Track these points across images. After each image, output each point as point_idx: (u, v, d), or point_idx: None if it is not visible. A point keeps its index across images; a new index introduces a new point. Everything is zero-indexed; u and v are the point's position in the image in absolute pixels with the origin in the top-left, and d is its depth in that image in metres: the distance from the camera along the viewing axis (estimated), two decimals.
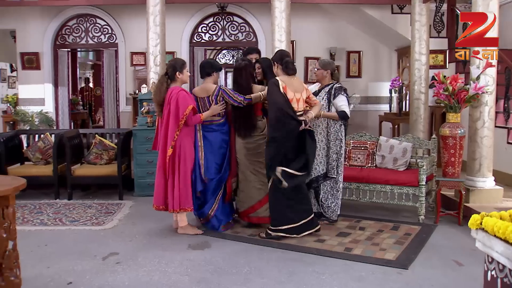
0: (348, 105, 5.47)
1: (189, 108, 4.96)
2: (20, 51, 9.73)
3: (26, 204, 6.54)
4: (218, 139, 5.29)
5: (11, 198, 3.40)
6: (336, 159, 5.48)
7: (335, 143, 5.47)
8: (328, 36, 9.86)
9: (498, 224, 1.61)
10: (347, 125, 5.58)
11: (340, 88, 5.50)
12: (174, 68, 5.14)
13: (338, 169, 5.49)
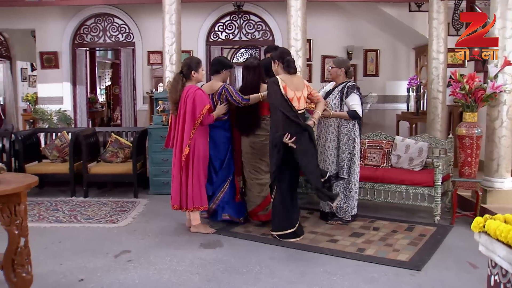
0: (360, 104, 5.36)
1: (206, 107, 4.96)
2: (40, 50, 9.86)
3: (43, 201, 6.63)
4: (221, 136, 5.35)
5: (23, 195, 3.44)
6: (348, 159, 5.40)
7: (348, 143, 5.38)
8: (345, 34, 9.78)
9: (500, 227, 1.55)
10: (361, 124, 5.48)
11: (352, 87, 5.42)
12: (189, 67, 5.14)
13: (351, 169, 5.40)
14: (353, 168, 5.41)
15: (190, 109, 4.98)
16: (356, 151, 5.40)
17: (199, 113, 4.93)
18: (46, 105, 9.68)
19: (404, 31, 9.04)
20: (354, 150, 5.39)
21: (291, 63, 4.90)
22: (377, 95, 9.73)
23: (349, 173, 5.42)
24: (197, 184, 5.09)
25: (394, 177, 5.81)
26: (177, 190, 5.16)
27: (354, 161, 5.41)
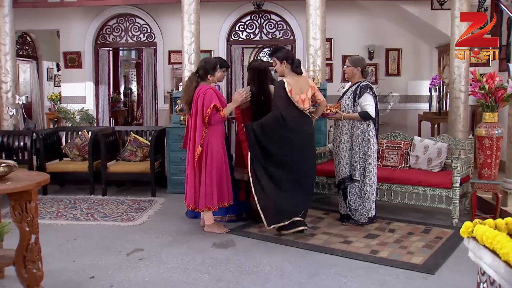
0: (373, 104, 5.22)
1: (211, 106, 4.95)
2: (63, 51, 10.04)
3: (62, 199, 6.74)
4: None
5: (34, 193, 3.48)
6: (363, 160, 5.27)
7: (362, 144, 5.26)
8: (367, 33, 9.66)
9: (487, 233, 1.48)
10: (377, 125, 5.38)
11: (365, 87, 5.27)
12: (206, 71, 5.14)
13: (365, 171, 5.27)
14: (368, 170, 5.27)
15: (200, 108, 5.00)
16: (371, 152, 5.26)
17: (205, 112, 4.94)
18: (69, 104, 9.84)
19: (426, 30, 8.88)
20: (369, 151, 5.25)
21: (299, 63, 4.97)
22: (398, 95, 9.58)
23: (363, 175, 5.29)
24: (209, 184, 5.08)
25: (412, 178, 5.70)
26: (191, 190, 5.18)
27: (370, 163, 5.26)
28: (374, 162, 5.30)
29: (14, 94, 7.75)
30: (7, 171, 3.53)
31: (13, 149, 6.98)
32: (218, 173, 5.15)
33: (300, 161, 4.96)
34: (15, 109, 7.68)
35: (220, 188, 5.16)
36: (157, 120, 10.31)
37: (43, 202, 6.55)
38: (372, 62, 9.68)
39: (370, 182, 5.29)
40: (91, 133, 7.10)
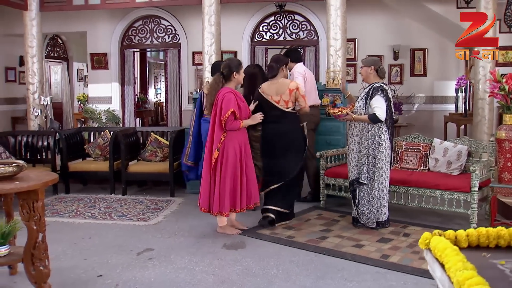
0: (383, 106, 5.02)
1: (228, 112, 4.90)
2: (90, 52, 10.26)
3: (83, 197, 6.88)
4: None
5: (40, 193, 3.57)
6: (372, 163, 5.13)
7: (371, 147, 5.11)
8: (392, 33, 9.51)
9: (439, 245, 1.41)
10: (390, 127, 5.17)
11: (377, 88, 5.09)
12: (230, 69, 5.08)
13: (374, 175, 5.15)
14: (378, 174, 5.13)
15: (219, 112, 4.97)
16: (382, 156, 5.10)
17: (223, 116, 4.92)
18: (95, 105, 10.06)
19: (452, 29, 8.67)
20: (380, 154, 5.09)
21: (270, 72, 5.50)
22: (424, 95, 9.43)
23: (372, 179, 5.16)
24: (222, 190, 5.04)
25: (429, 181, 5.56)
26: (206, 193, 5.15)
27: (380, 166, 5.11)
28: (386, 166, 5.14)
29: (39, 95, 7.95)
30: (16, 171, 3.62)
31: (37, 148, 7.16)
32: (232, 179, 5.07)
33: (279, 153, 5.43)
34: (40, 109, 7.88)
35: (233, 194, 5.09)
36: (181, 120, 10.42)
37: (64, 200, 6.71)
38: (397, 62, 9.53)
39: (381, 187, 5.15)
40: (112, 133, 7.22)
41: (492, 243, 1.49)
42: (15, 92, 10.38)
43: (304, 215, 5.97)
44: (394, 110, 8.61)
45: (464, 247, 1.48)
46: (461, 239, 1.49)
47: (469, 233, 1.49)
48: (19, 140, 7.19)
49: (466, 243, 1.49)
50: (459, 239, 1.49)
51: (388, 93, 5.13)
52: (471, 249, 1.47)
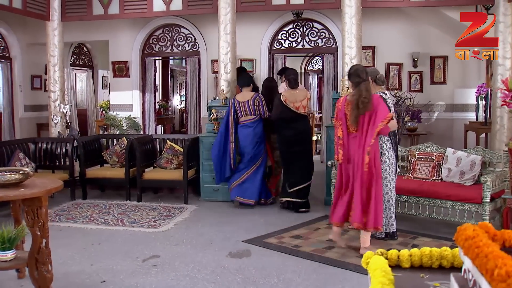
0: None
1: (389, 115, 4.69)
2: (112, 60, 10.49)
3: (99, 203, 7.03)
4: (250, 133, 6.82)
5: (44, 200, 3.68)
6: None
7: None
8: (411, 40, 9.42)
9: (372, 265, 1.39)
10: (391, 136, 5.04)
11: None
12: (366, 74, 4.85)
13: None
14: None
15: (374, 116, 4.67)
16: (386, 166, 4.99)
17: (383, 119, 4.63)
18: (116, 112, 10.27)
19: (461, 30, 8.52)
20: (383, 164, 4.97)
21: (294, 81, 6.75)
22: (444, 103, 9.29)
23: None
24: (379, 199, 4.73)
25: (440, 191, 5.49)
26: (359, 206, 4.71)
27: (384, 176, 4.99)
28: (390, 176, 5.07)
29: (60, 103, 8.17)
30: (22, 178, 3.75)
31: (56, 155, 7.36)
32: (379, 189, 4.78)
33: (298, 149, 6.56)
34: (59, 117, 8.09)
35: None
36: (201, 128, 10.52)
37: (80, 206, 6.88)
38: (417, 70, 9.43)
39: (386, 197, 5.07)
40: (128, 140, 7.36)
41: (435, 264, 1.48)
42: (40, 99, 10.67)
43: (314, 224, 5.97)
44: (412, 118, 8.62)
45: (407, 267, 1.48)
46: (403, 259, 1.48)
47: (412, 253, 1.49)
48: (39, 147, 7.41)
49: (409, 263, 1.48)
50: (401, 259, 1.49)
51: (387, 102, 5.03)
52: (413, 269, 1.46)
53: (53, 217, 6.27)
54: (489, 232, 1.19)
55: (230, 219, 6.23)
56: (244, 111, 6.82)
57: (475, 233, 1.09)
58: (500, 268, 0.85)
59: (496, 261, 0.88)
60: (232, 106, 6.90)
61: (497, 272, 0.85)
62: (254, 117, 6.83)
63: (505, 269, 0.84)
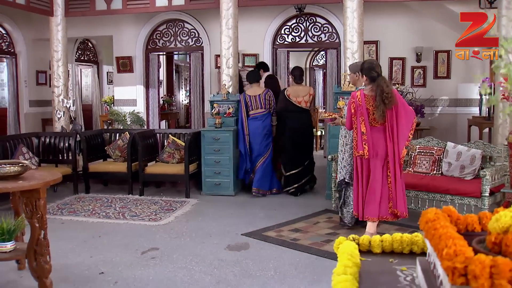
0: None
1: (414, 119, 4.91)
2: (116, 56, 10.55)
3: (101, 197, 7.10)
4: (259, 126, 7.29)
5: (42, 192, 3.73)
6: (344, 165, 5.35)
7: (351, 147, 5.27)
8: (414, 35, 9.38)
9: (342, 249, 1.41)
10: None
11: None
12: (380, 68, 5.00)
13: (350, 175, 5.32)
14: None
15: (405, 110, 4.86)
16: None
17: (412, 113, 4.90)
18: (120, 107, 10.33)
19: None
20: None
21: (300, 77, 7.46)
22: (448, 98, 9.27)
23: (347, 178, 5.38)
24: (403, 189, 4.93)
25: (439, 185, 5.51)
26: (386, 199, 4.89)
27: None
28: None
29: (63, 97, 8.24)
30: (21, 171, 3.81)
31: (59, 149, 7.43)
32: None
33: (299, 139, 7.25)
34: (62, 112, 8.16)
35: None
36: (204, 123, 10.56)
37: (83, 200, 6.95)
38: (420, 64, 9.39)
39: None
40: (130, 135, 7.41)
41: (405, 249, 1.51)
42: (45, 94, 10.74)
43: (313, 218, 6.00)
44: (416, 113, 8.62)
45: (378, 253, 1.51)
46: (375, 244, 1.51)
47: (384, 238, 1.51)
48: (43, 141, 7.48)
49: (380, 249, 1.51)
50: (373, 245, 1.51)
51: None
52: (385, 254, 1.49)
53: (56, 210, 6.35)
54: (452, 216, 1.22)
55: (231, 212, 6.27)
56: (255, 104, 7.29)
57: (436, 216, 1.11)
58: (449, 248, 0.88)
59: (447, 241, 0.90)
60: (243, 101, 7.33)
61: (445, 251, 0.88)
62: (264, 111, 7.31)
63: (453, 249, 0.87)
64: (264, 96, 7.28)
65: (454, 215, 1.22)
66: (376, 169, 4.86)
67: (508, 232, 1.03)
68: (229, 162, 7.19)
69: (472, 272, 0.85)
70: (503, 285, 0.84)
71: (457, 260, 0.86)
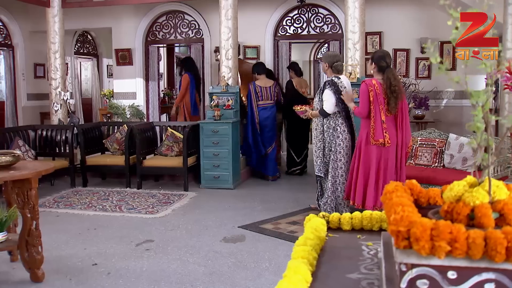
0: (331, 100, 5.36)
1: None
2: (115, 48, 10.60)
3: (99, 191, 7.17)
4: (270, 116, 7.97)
5: (34, 182, 3.80)
6: (328, 156, 5.46)
7: (327, 139, 5.45)
8: (419, 25, 9.37)
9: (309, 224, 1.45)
10: (345, 119, 5.40)
11: (326, 83, 5.50)
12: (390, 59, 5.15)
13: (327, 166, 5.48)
14: (334, 166, 5.42)
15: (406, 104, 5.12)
16: (340, 148, 5.38)
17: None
18: (120, 100, 10.40)
19: None
20: (337, 147, 5.38)
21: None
22: (453, 90, 9.26)
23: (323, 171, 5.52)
24: None
25: (439, 178, 5.52)
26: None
27: (338, 158, 5.39)
28: (344, 159, 5.39)
29: (61, 90, 8.31)
30: (12, 161, 3.87)
31: (56, 142, 7.50)
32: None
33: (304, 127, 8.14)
34: (59, 104, 8.23)
35: None
36: (204, 115, 10.59)
37: (80, 193, 7.02)
38: (425, 56, 9.39)
39: (342, 179, 5.41)
40: (127, 127, 7.48)
41: (375, 226, 1.55)
42: (44, 88, 10.81)
43: (312, 211, 6.04)
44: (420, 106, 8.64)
45: (348, 230, 1.55)
46: (344, 221, 1.55)
47: (354, 216, 1.56)
48: (39, 134, 7.56)
49: (349, 226, 1.55)
50: (342, 222, 1.55)
51: (339, 86, 5.38)
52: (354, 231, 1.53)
53: (52, 203, 6.43)
54: (414, 190, 1.26)
55: (228, 205, 6.32)
56: (265, 95, 7.95)
57: (395, 188, 1.15)
58: (397, 214, 0.92)
59: (396, 208, 0.94)
60: (253, 90, 7.91)
61: (393, 217, 0.92)
62: (272, 102, 8.01)
63: (400, 215, 0.91)
64: (274, 89, 8.03)
65: (416, 189, 1.26)
66: (389, 159, 4.95)
67: (460, 200, 1.07)
68: (228, 155, 7.24)
69: (414, 234, 0.89)
70: (442, 246, 0.88)
71: (401, 224, 0.90)
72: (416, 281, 0.94)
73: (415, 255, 0.92)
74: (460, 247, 0.89)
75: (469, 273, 0.92)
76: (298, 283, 1.05)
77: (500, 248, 0.88)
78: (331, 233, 1.49)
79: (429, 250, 0.89)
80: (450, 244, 0.88)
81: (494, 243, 0.88)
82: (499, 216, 1.04)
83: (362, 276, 1.17)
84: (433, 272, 0.93)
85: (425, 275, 0.93)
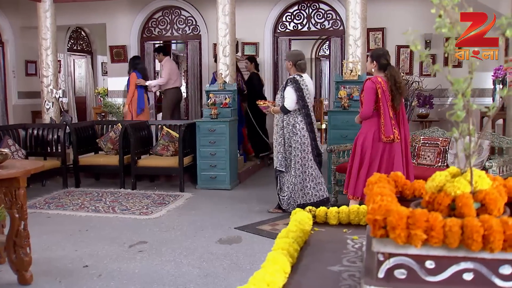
0: (292, 97, 5.63)
1: None
2: (109, 45, 10.65)
3: (92, 191, 7.20)
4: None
5: (22, 181, 3.83)
6: (289, 152, 5.73)
7: (286, 135, 5.72)
8: (423, 21, 9.31)
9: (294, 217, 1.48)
10: (306, 117, 5.67)
11: (288, 80, 5.77)
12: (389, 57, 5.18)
13: (291, 162, 5.73)
14: (293, 161, 5.71)
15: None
16: (298, 144, 5.68)
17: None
18: (114, 99, 10.43)
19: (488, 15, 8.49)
20: (295, 143, 5.69)
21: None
22: None
23: (289, 166, 5.75)
24: None
25: None
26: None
27: (296, 154, 5.70)
28: (302, 154, 5.71)
29: (53, 88, 8.34)
30: (1, 159, 3.91)
31: (47, 141, 7.53)
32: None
33: None
34: (51, 102, 8.27)
35: None
36: (202, 114, 10.61)
37: (72, 194, 7.05)
38: (430, 52, 9.37)
39: (294, 175, 5.71)
40: (122, 126, 7.51)
41: (362, 221, 1.58)
42: (35, 86, 10.81)
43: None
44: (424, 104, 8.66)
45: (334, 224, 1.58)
46: (331, 216, 1.58)
47: (340, 210, 1.58)
48: (30, 133, 7.59)
49: (336, 220, 1.58)
50: (329, 216, 1.58)
51: (300, 84, 5.66)
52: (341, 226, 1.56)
53: (42, 204, 6.46)
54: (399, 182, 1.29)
55: (225, 206, 6.35)
56: None
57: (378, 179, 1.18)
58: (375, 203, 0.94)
59: (375, 198, 0.97)
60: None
61: (371, 206, 0.94)
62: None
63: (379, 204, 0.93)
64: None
65: (400, 181, 1.28)
66: (396, 155, 5.01)
67: (441, 191, 1.09)
68: (225, 154, 7.27)
69: (390, 223, 0.92)
70: (418, 234, 0.90)
71: (377, 213, 0.92)
72: (394, 270, 0.96)
73: (392, 244, 0.94)
74: (437, 235, 0.92)
75: (447, 262, 0.95)
76: (275, 273, 1.07)
77: (476, 236, 0.91)
78: (318, 227, 1.52)
79: (406, 239, 0.92)
80: (426, 232, 0.91)
81: (471, 231, 0.91)
82: (481, 206, 1.06)
83: (343, 269, 1.20)
84: (411, 261, 0.95)
85: (403, 264, 0.96)
